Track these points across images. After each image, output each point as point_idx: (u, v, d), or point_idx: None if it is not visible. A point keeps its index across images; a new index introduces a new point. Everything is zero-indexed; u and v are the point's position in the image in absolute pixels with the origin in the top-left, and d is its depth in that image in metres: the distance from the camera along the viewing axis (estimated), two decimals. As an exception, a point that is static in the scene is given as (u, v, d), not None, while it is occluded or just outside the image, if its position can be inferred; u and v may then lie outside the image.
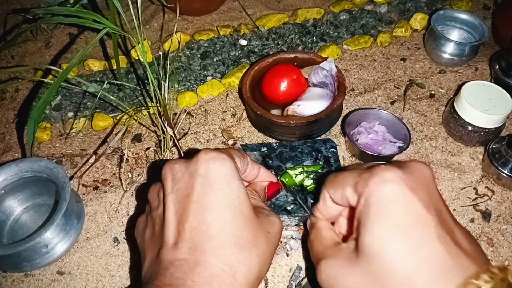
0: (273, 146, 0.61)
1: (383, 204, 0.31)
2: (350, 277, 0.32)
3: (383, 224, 0.31)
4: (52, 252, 0.53)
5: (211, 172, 0.35)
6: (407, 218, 0.30)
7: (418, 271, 0.29)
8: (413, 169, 0.33)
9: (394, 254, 0.30)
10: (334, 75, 0.65)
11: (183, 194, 0.35)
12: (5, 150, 0.69)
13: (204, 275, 0.32)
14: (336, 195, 0.37)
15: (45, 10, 0.67)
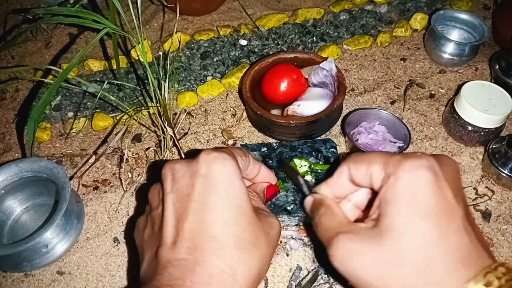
0: (273, 146, 0.61)
1: (416, 188, 0.31)
2: (370, 255, 0.31)
3: (414, 209, 0.30)
4: (52, 252, 0.53)
5: (212, 172, 0.35)
6: (438, 206, 0.30)
7: (443, 257, 0.29)
8: (445, 161, 0.33)
9: (423, 238, 0.30)
10: (334, 75, 0.65)
11: (183, 194, 0.35)
12: (5, 150, 0.69)
13: (204, 276, 0.32)
14: (359, 171, 0.35)
15: (45, 10, 0.67)
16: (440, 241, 0.30)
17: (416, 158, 0.32)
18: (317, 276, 0.52)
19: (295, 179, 0.46)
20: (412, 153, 0.34)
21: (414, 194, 0.31)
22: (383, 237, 0.31)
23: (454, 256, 0.29)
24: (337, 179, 0.38)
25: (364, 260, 0.31)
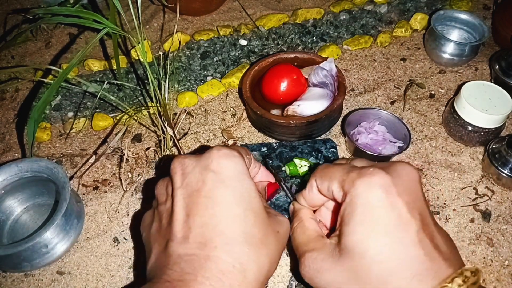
0: (273, 146, 0.61)
1: (369, 207, 0.32)
2: (332, 272, 0.33)
3: (368, 227, 0.32)
4: (52, 252, 0.53)
5: (223, 168, 0.35)
6: (391, 222, 0.31)
7: (396, 273, 0.30)
8: (401, 172, 0.34)
9: (376, 256, 0.31)
10: (334, 75, 0.65)
11: (193, 189, 0.34)
12: (5, 150, 0.69)
13: (215, 271, 0.31)
14: (323, 186, 0.37)
15: (45, 10, 0.67)
16: (394, 256, 0.31)
17: (368, 176, 0.33)
18: (317, 276, 0.52)
19: (282, 185, 0.48)
20: (366, 168, 0.34)
21: (368, 213, 0.32)
22: (342, 256, 0.33)
23: (408, 271, 0.30)
24: (308, 192, 0.40)
25: (327, 277, 0.33)
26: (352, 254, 0.32)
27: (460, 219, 0.56)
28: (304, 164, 0.58)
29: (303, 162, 0.58)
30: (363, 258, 0.31)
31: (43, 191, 0.60)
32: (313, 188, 0.39)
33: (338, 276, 0.33)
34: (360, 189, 0.33)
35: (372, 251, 0.31)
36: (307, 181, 0.40)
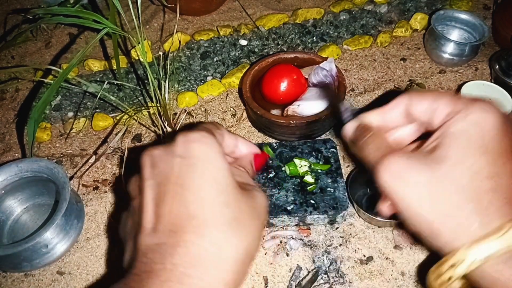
0: (273, 146, 0.61)
1: (484, 127, 0.32)
2: (418, 175, 0.31)
3: (476, 145, 0.31)
4: (52, 252, 0.53)
5: (190, 151, 0.33)
6: (499, 147, 0.31)
7: (489, 196, 0.30)
8: (492, 109, 0.34)
9: (475, 173, 0.30)
10: (334, 75, 0.65)
11: (162, 178, 0.33)
12: (5, 150, 0.69)
13: (186, 257, 0.30)
14: (422, 103, 0.35)
15: (45, 10, 0.67)
16: (493, 178, 0.30)
17: (486, 103, 0.33)
18: (317, 276, 0.52)
19: (336, 104, 0.41)
20: (480, 100, 0.34)
21: (480, 132, 0.31)
22: (438, 163, 0.31)
23: (504, 195, 0.30)
24: (392, 107, 0.37)
25: (413, 179, 0.32)
26: (450, 164, 0.31)
27: (460, 219, 0.56)
28: (304, 164, 0.58)
29: (303, 162, 0.58)
30: (463, 171, 0.31)
31: (43, 191, 0.60)
32: (400, 105, 0.36)
33: (427, 181, 0.31)
34: (478, 108, 0.32)
35: (474, 167, 0.30)
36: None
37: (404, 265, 0.52)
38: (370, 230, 0.55)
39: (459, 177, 0.31)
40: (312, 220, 0.54)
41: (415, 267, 0.52)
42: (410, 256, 0.53)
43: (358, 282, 0.51)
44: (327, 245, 0.54)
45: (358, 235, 0.55)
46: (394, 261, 0.53)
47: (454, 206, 0.30)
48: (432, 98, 0.35)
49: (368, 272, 0.52)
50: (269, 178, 0.57)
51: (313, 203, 0.54)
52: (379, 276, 0.51)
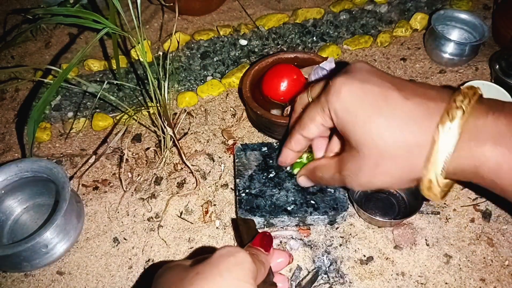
0: (273, 146, 0.61)
1: (348, 105, 0.36)
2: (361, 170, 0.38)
3: (360, 118, 0.36)
4: (52, 252, 0.53)
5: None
6: (373, 100, 0.35)
7: (398, 133, 0.34)
8: (354, 67, 0.39)
9: (377, 131, 0.35)
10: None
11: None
12: (5, 150, 0.69)
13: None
14: (310, 129, 0.42)
15: (45, 10, 0.67)
16: (389, 120, 0.35)
17: (334, 85, 0.38)
18: (317, 276, 0.52)
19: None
20: (328, 83, 0.39)
21: (351, 110, 0.37)
22: (359, 152, 0.37)
23: (410, 121, 0.34)
24: (294, 144, 0.46)
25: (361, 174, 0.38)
26: (360, 146, 0.36)
27: (461, 219, 0.56)
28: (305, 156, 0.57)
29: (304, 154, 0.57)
30: (370, 143, 0.36)
31: (43, 191, 0.60)
32: (298, 138, 0.45)
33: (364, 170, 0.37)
34: (332, 100, 0.37)
35: (371, 130, 0.35)
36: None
37: (404, 265, 0.52)
38: (370, 230, 0.55)
39: (382, 146, 0.35)
40: (312, 221, 0.54)
41: (415, 267, 0.52)
42: (410, 256, 0.53)
43: (358, 282, 0.51)
44: (327, 245, 0.54)
45: (358, 235, 0.55)
46: (394, 261, 0.53)
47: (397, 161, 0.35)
48: (309, 120, 0.42)
49: (368, 272, 0.52)
50: (269, 178, 0.57)
51: (313, 204, 0.54)
52: (379, 276, 0.51)
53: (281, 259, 0.41)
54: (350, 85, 0.37)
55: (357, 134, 0.36)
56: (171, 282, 0.34)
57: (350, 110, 0.36)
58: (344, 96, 0.37)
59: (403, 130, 0.34)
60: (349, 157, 0.39)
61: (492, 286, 0.50)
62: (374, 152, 0.36)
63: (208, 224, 0.57)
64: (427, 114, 0.34)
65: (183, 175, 0.63)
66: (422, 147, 0.33)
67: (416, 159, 0.34)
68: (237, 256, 0.34)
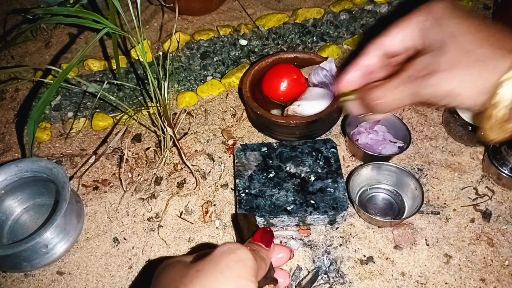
0: (273, 146, 0.61)
1: (443, 11, 0.37)
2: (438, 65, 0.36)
3: (453, 17, 0.37)
4: (52, 252, 0.53)
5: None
6: (467, 13, 0.36)
7: (484, 44, 0.35)
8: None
9: (466, 37, 0.35)
10: (334, 75, 0.65)
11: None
12: (5, 150, 0.69)
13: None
14: (395, 36, 0.40)
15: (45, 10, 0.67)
16: (486, 26, 0.35)
17: (433, 4, 0.38)
18: (317, 276, 0.52)
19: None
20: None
21: (450, 10, 0.37)
22: (447, 46, 0.36)
23: (498, 39, 0.34)
24: (367, 56, 0.42)
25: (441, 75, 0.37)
26: (451, 41, 0.36)
27: (461, 219, 0.56)
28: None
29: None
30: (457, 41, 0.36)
31: (43, 191, 0.60)
32: (375, 51, 0.41)
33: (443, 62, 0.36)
34: (436, 4, 0.38)
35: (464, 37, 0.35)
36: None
37: (404, 265, 0.52)
38: (370, 230, 0.55)
39: (467, 46, 0.35)
40: (312, 220, 0.54)
41: (415, 267, 0.52)
42: (410, 256, 0.53)
43: (358, 282, 0.51)
44: (327, 245, 0.54)
45: (358, 235, 0.55)
46: (394, 261, 0.53)
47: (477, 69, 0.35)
48: (399, 27, 0.40)
49: (368, 272, 0.52)
50: (269, 178, 0.57)
51: (313, 203, 0.54)
52: (379, 276, 0.51)
53: (281, 254, 0.41)
54: (448, 4, 0.38)
55: (446, 32, 0.37)
56: (171, 278, 0.34)
57: (447, 12, 0.37)
58: (441, 6, 0.38)
59: (496, 35, 0.35)
60: (423, 59, 0.38)
61: (492, 286, 0.50)
62: (461, 45, 0.36)
63: (208, 224, 0.57)
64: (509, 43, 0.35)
65: (183, 175, 0.63)
66: (502, 63, 0.34)
67: (503, 62, 0.34)
68: (238, 253, 0.34)
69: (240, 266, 0.33)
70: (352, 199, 0.55)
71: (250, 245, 0.38)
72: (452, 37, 0.36)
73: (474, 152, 0.63)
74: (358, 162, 0.62)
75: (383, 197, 0.59)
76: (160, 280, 0.35)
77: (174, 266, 0.36)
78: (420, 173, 0.61)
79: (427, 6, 0.39)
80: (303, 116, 0.61)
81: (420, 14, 0.39)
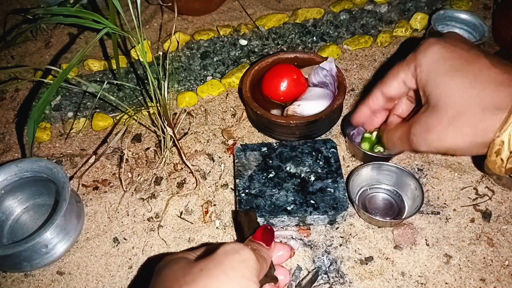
0: (273, 146, 0.61)
1: (436, 60, 0.38)
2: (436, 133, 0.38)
3: (443, 73, 0.37)
4: (52, 252, 0.53)
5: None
6: (460, 62, 0.37)
7: (479, 93, 0.35)
8: (448, 36, 0.40)
9: (459, 89, 0.36)
10: (334, 75, 0.65)
11: None
12: (5, 150, 0.69)
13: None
14: (391, 86, 0.43)
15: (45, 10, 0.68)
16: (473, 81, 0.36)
17: (423, 44, 0.40)
18: (317, 276, 0.52)
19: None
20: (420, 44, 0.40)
21: (437, 64, 0.38)
22: (436, 108, 0.38)
23: (491, 85, 0.35)
24: (373, 100, 0.46)
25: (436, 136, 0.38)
26: (440, 102, 0.37)
27: (461, 219, 0.56)
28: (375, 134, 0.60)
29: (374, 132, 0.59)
30: (449, 99, 0.36)
31: (43, 191, 0.60)
32: (379, 99, 0.45)
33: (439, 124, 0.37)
34: (420, 55, 0.39)
35: (455, 88, 0.36)
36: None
37: (404, 265, 0.52)
38: (370, 230, 0.55)
39: (458, 109, 0.36)
40: (312, 220, 0.54)
41: (415, 267, 0.52)
42: (410, 256, 0.53)
43: (358, 282, 0.51)
44: (327, 245, 0.54)
45: (358, 235, 0.55)
46: (394, 261, 0.53)
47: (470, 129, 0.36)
48: (392, 76, 0.43)
49: (368, 272, 0.52)
50: (269, 178, 0.57)
51: (313, 203, 0.54)
52: (379, 276, 0.51)
53: (282, 252, 0.42)
54: (440, 45, 0.38)
55: (438, 88, 0.37)
56: (174, 276, 0.34)
57: (436, 66, 0.38)
58: (432, 53, 0.38)
59: (485, 92, 0.35)
60: (422, 116, 0.39)
61: (492, 286, 0.50)
62: (451, 108, 0.36)
63: (208, 224, 0.57)
64: (510, 81, 0.35)
65: (183, 175, 0.63)
66: (500, 111, 0.34)
67: (492, 121, 0.35)
68: (241, 253, 0.34)
69: (243, 266, 0.33)
70: (352, 199, 0.55)
71: (251, 244, 0.38)
72: (445, 97, 0.37)
73: (474, 152, 0.63)
74: (358, 162, 0.62)
75: (383, 197, 0.59)
76: (161, 277, 0.35)
77: (177, 263, 0.35)
78: (420, 173, 0.61)
79: (414, 57, 0.40)
80: (303, 116, 0.61)
81: (409, 67, 0.41)
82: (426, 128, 0.39)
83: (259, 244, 0.39)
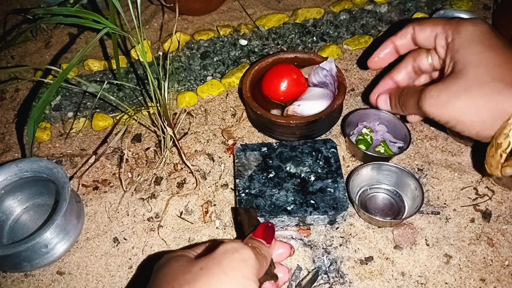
0: (273, 146, 0.61)
1: (476, 35, 0.40)
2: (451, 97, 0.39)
3: (479, 45, 0.39)
4: (52, 252, 0.53)
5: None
6: (497, 43, 0.40)
7: (502, 74, 0.37)
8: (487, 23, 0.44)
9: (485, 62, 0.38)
10: (334, 75, 0.65)
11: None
12: (5, 150, 0.69)
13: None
14: (424, 32, 0.44)
15: (45, 10, 0.67)
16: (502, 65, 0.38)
17: (472, 19, 0.42)
18: (317, 276, 0.52)
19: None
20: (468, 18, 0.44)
21: (476, 38, 0.40)
22: (460, 77, 0.39)
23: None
24: (400, 38, 0.47)
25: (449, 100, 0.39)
26: (466, 69, 0.38)
27: (461, 219, 0.56)
28: (369, 137, 0.61)
29: (368, 136, 0.61)
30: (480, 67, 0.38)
31: (43, 191, 0.60)
32: (408, 35, 0.46)
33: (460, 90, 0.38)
34: (470, 23, 0.41)
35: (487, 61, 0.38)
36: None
37: (404, 265, 0.52)
38: (370, 230, 0.55)
39: (480, 78, 0.37)
40: (312, 220, 0.54)
41: (415, 267, 0.52)
42: (410, 256, 0.53)
43: (358, 282, 0.51)
44: (327, 245, 0.54)
45: (358, 235, 0.55)
46: (394, 261, 0.53)
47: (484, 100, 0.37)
48: (431, 24, 0.44)
49: (368, 272, 0.52)
50: (269, 178, 0.57)
51: (313, 203, 0.54)
52: (379, 276, 0.51)
53: (282, 250, 0.41)
54: (486, 26, 0.42)
55: (467, 58, 0.39)
56: (173, 274, 0.34)
57: (473, 38, 0.40)
58: (474, 28, 0.41)
59: (506, 80, 0.37)
60: (441, 80, 0.40)
61: (492, 286, 0.50)
62: (474, 77, 0.38)
63: (208, 224, 0.57)
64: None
65: (183, 175, 0.63)
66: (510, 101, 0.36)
67: (507, 102, 0.36)
68: (241, 253, 0.34)
69: (243, 266, 0.33)
70: (352, 199, 0.55)
71: (251, 242, 0.38)
72: (471, 66, 0.39)
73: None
74: (358, 162, 0.62)
75: (383, 197, 0.59)
76: (161, 275, 0.35)
77: (177, 261, 0.35)
78: (420, 173, 0.61)
79: (457, 24, 0.42)
80: (303, 116, 0.61)
81: (450, 27, 0.42)
82: (439, 88, 0.40)
83: (259, 241, 0.39)
